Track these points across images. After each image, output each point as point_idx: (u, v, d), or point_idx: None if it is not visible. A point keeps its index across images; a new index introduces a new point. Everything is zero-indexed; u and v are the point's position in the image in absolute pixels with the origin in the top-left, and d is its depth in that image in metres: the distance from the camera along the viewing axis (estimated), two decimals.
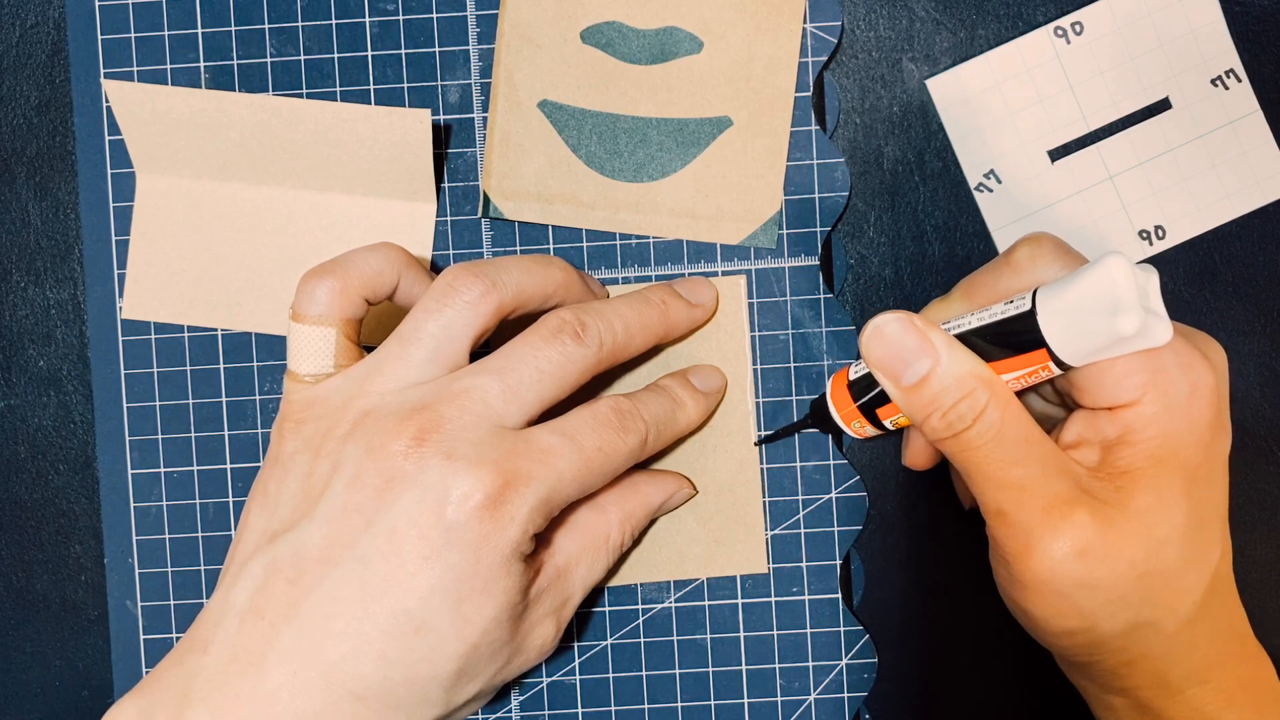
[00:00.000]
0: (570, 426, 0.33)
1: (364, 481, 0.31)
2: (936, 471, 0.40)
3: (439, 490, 0.31)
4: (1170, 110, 0.40)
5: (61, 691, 0.41)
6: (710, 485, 0.39)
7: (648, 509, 0.38)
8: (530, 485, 0.32)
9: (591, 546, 0.36)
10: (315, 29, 0.40)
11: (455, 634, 0.31)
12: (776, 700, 0.40)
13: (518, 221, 0.40)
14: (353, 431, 0.32)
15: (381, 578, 0.31)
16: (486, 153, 0.39)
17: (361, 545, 0.31)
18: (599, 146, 0.39)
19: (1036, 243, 0.33)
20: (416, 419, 0.32)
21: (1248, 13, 0.40)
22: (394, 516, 0.31)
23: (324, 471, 0.32)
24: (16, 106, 0.41)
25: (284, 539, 0.32)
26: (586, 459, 0.33)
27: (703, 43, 0.39)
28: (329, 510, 0.32)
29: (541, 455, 0.32)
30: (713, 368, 0.39)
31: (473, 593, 0.31)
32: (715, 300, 0.39)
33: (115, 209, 0.40)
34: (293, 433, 0.34)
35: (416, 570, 0.31)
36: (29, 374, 0.41)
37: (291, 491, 0.33)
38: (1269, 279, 0.40)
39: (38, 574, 0.41)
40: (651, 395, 0.36)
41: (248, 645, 0.31)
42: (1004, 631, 0.40)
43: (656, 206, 0.39)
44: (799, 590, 0.40)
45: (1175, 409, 0.30)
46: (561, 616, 0.35)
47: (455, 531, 0.31)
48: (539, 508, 0.32)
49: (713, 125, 0.39)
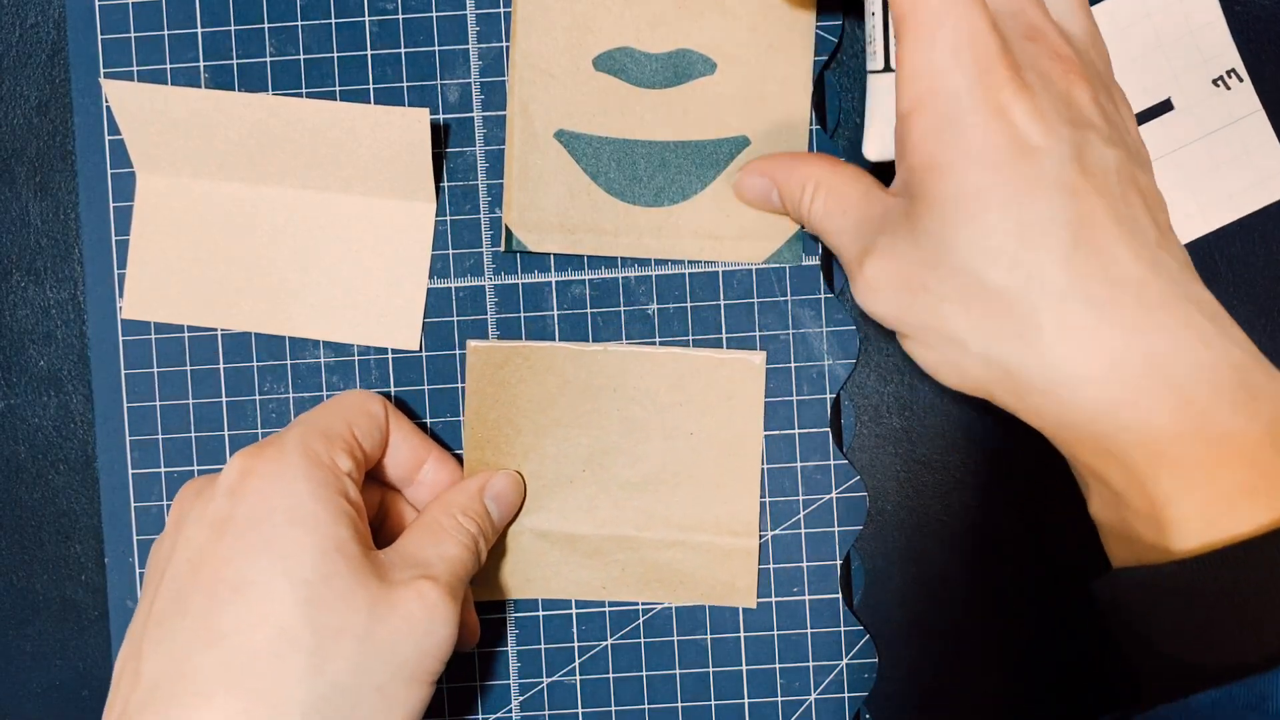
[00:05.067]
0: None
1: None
2: (936, 472, 0.40)
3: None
4: (1172, 111, 0.40)
5: (61, 691, 0.41)
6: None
7: (461, 489, 0.38)
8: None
9: (424, 531, 0.36)
10: (315, 28, 0.40)
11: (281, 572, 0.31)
12: (776, 700, 0.40)
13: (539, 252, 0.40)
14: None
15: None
16: (506, 186, 0.39)
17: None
18: (618, 173, 0.39)
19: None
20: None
21: (1248, 13, 0.39)
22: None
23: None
24: (16, 106, 0.41)
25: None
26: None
27: (715, 64, 0.39)
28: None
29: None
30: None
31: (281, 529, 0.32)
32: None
33: (115, 209, 0.40)
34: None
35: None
36: (29, 374, 0.41)
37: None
38: (1271, 279, 0.40)
39: (38, 574, 0.41)
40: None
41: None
42: (1004, 631, 0.40)
43: (679, 230, 0.39)
44: (799, 590, 0.40)
45: (937, 115, 0.30)
46: (430, 574, 0.34)
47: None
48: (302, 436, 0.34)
49: (730, 145, 0.39)
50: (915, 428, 0.40)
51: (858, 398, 0.40)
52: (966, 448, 0.40)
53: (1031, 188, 0.29)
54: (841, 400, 0.40)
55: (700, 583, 0.40)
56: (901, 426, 0.40)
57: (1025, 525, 0.40)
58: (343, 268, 0.40)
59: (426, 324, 0.40)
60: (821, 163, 0.36)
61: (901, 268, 0.32)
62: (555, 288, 0.40)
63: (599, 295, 0.40)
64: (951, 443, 0.40)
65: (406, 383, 0.40)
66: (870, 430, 0.40)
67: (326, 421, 0.35)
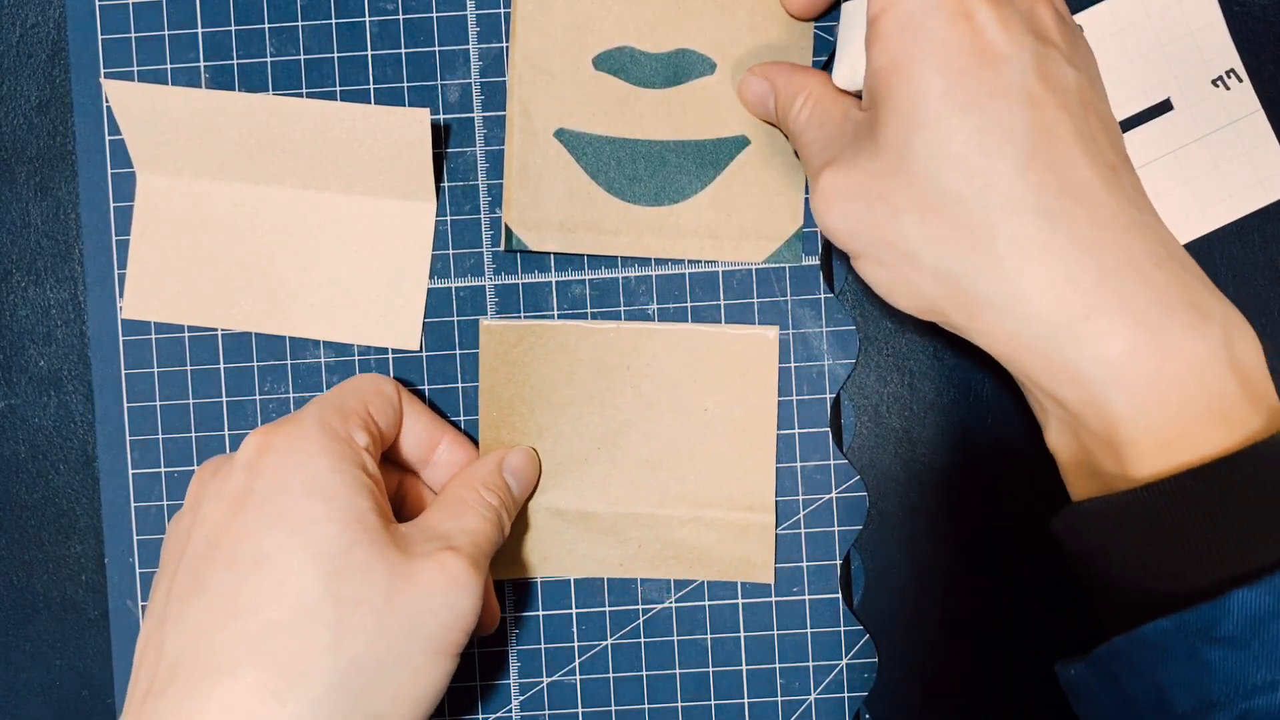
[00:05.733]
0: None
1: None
2: (936, 472, 0.40)
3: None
4: (1171, 111, 0.40)
5: (61, 691, 0.41)
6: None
7: (481, 465, 0.38)
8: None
9: (446, 506, 0.36)
10: (315, 28, 0.40)
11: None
12: (776, 700, 0.40)
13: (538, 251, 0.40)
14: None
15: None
16: (505, 185, 0.39)
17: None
18: (618, 172, 0.39)
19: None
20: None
21: (1248, 13, 0.40)
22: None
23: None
24: (16, 106, 0.41)
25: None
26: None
27: (715, 63, 0.39)
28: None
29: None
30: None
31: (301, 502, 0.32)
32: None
33: (115, 209, 0.40)
34: None
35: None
36: (29, 374, 0.41)
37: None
38: (1271, 279, 0.40)
39: (38, 574, 0.41)
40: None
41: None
42: (1004, 631, 0.40)
43: (679, 229, 0.39)
44: (799, 590, 0.40)
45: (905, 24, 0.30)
46: (453, 545, 0.34)
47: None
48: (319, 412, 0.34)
49: (730, 145, 0.39)
50: (915, 428, 0.40)
51: (858, 398, 0.40)
52: (966, 448, 0.40)
53: (993, 94, 0.29)
54: (841, 400, 0.40)
55: (717, 559, 0.40)
56: (901, 426, 0.40)
57: (1025, 525, 0.40)
58: (343, 268, 0.40)
59: (426, 324, 0.40)
60: (819, 76, 0.36)
61: (860, 180, 0.32)
62: (555, 288, 0.40)
63: (599, 295, 0.40)
64: (951, 443, 0.40)
65: (406, 383, 0.40)
66: (870, 430, 0.40)
67: (342, 400, 0.35)
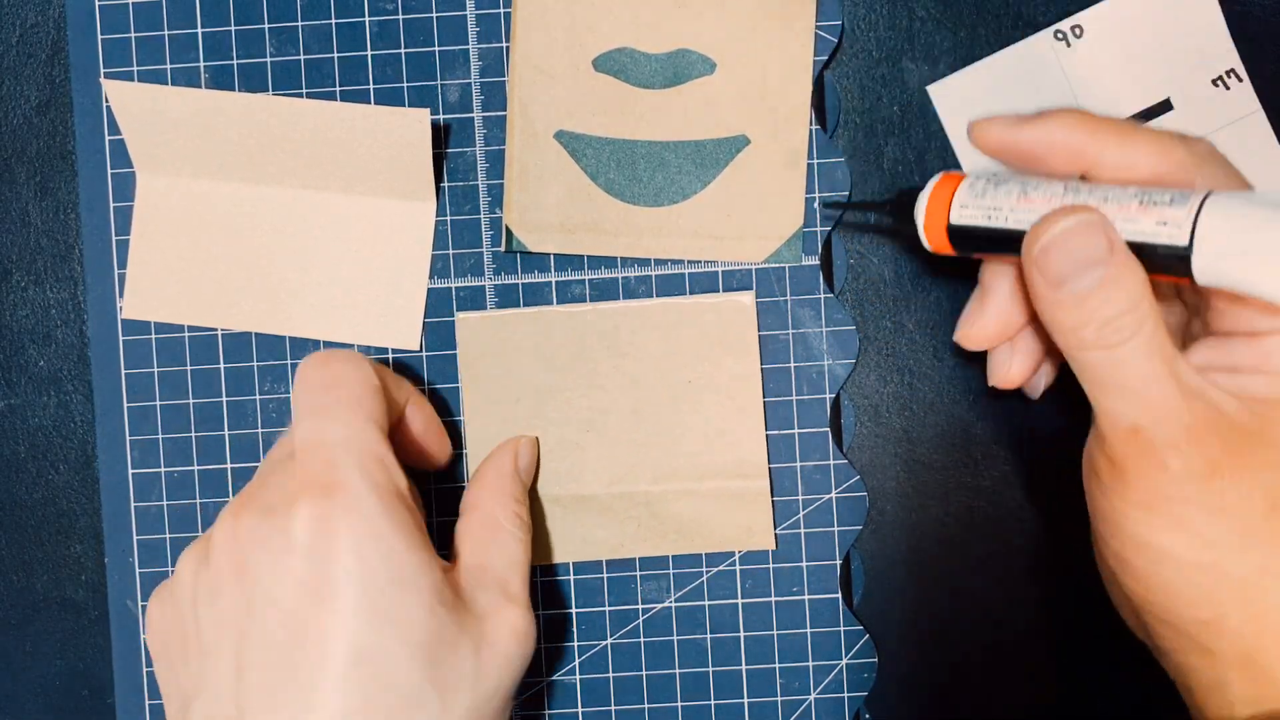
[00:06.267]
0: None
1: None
2: (936, 472, 0.40)
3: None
4: (1172, 111, 0.40)
5: (61, 691, 0.41)
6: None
7: (502, 473, 0.38)
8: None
9: (486, 533, 0.36)
10: (315, 28, 0.40)
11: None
12: (776, 700, 0.40)
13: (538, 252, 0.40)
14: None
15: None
16: (506, 186, 0.39)
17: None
18: (618, 173, 0.39)
19: (1192, 146, 0.30)
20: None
21: (1248, 13, 0.40)
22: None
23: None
24: (16, 106, 0.41)
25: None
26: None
27: (715, 63, 0.39)
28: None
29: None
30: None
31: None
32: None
33: (115, 209, 0.40)
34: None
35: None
36: (29, 374, 0.41)
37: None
38: None
39: (38, 574, 0.41)
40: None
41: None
42: (1004, 632, 0.40)
43: (679, 230, 0.39)
44: (799, 590, 0.40)
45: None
46: (510, 594, 0.35)
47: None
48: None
49: (730, 145, 0.39)
50: (915, 428, 0.40)
51: (858, 398, 0.40)
52: (966, 448, 0.40)
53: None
54: (841, 400, 0.40)
55: (716, 530, 0.40)
56: (901, 426, 0.40)
57: (1025, 525, 0.40)
58: (343, 268, 0.40)
59: (426, 324, 0.40)
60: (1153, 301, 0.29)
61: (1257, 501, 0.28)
62: (555, 288, 0.40)
63: (599, 295, 0.40)
64: (951, 443, 0.40)
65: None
66: (870, 430, 0.40)
67: (366, 439, 0.33)
